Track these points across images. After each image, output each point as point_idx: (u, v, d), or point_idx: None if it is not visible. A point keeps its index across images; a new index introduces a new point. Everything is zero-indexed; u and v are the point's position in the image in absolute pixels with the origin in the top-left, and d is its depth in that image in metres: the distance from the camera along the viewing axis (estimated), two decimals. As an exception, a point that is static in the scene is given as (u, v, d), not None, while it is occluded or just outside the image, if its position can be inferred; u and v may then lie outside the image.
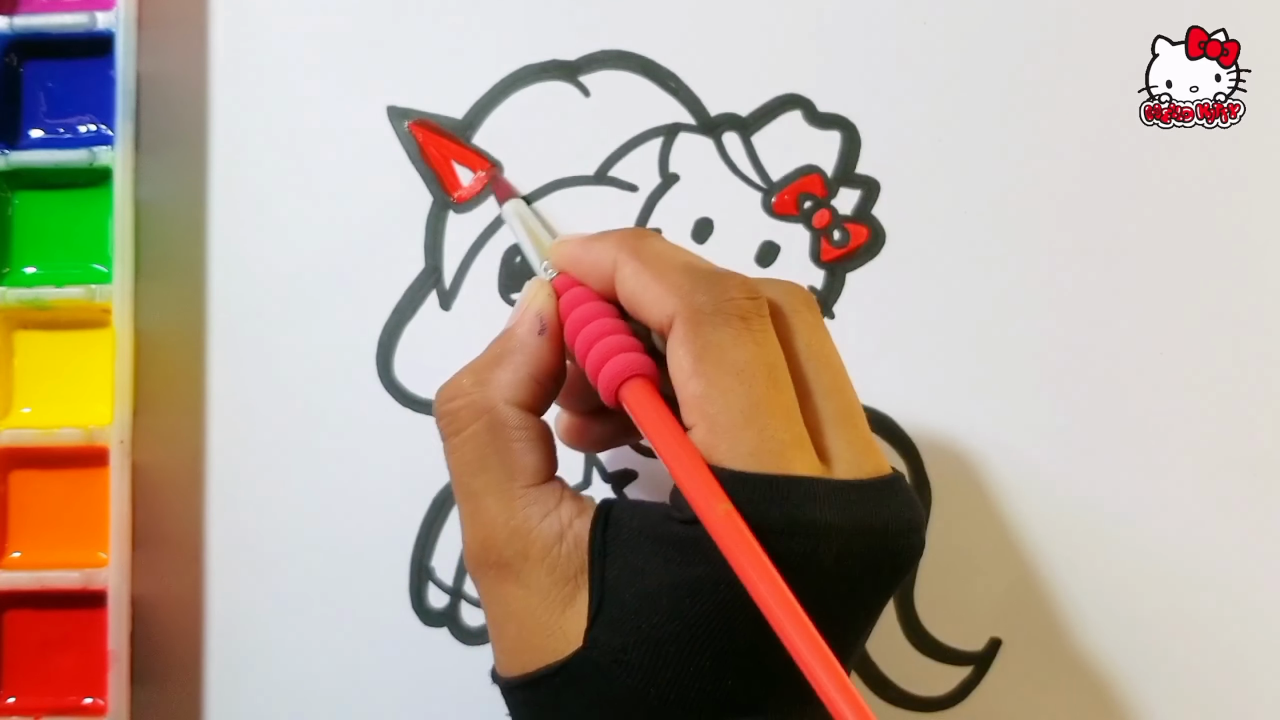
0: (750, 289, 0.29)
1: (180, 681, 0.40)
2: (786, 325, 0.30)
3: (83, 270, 0.40)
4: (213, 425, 0.41)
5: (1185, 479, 0.40)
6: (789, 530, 0.26)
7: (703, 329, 0.28)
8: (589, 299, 0.31)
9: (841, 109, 0.41)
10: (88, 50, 0.41)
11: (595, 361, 0.30)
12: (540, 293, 0.32)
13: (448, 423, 0.31)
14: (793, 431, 0.28)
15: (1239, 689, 0.40)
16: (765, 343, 0.28)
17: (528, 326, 0.31)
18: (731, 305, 0.28)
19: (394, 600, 0.40)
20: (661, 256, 0.30)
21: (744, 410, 0.27)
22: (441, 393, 0.31)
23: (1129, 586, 0.40)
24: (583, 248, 0.32)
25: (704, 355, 0.28)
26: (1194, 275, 0.41)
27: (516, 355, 0.31)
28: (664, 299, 0.29)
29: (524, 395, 0.31)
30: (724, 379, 0.27)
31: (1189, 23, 0.42)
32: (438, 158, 0.41)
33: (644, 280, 0.30)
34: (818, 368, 0.29)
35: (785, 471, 0.27)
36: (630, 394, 0.29)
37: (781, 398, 0.28)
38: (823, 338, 0.30)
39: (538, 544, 0.29)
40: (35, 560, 0.39)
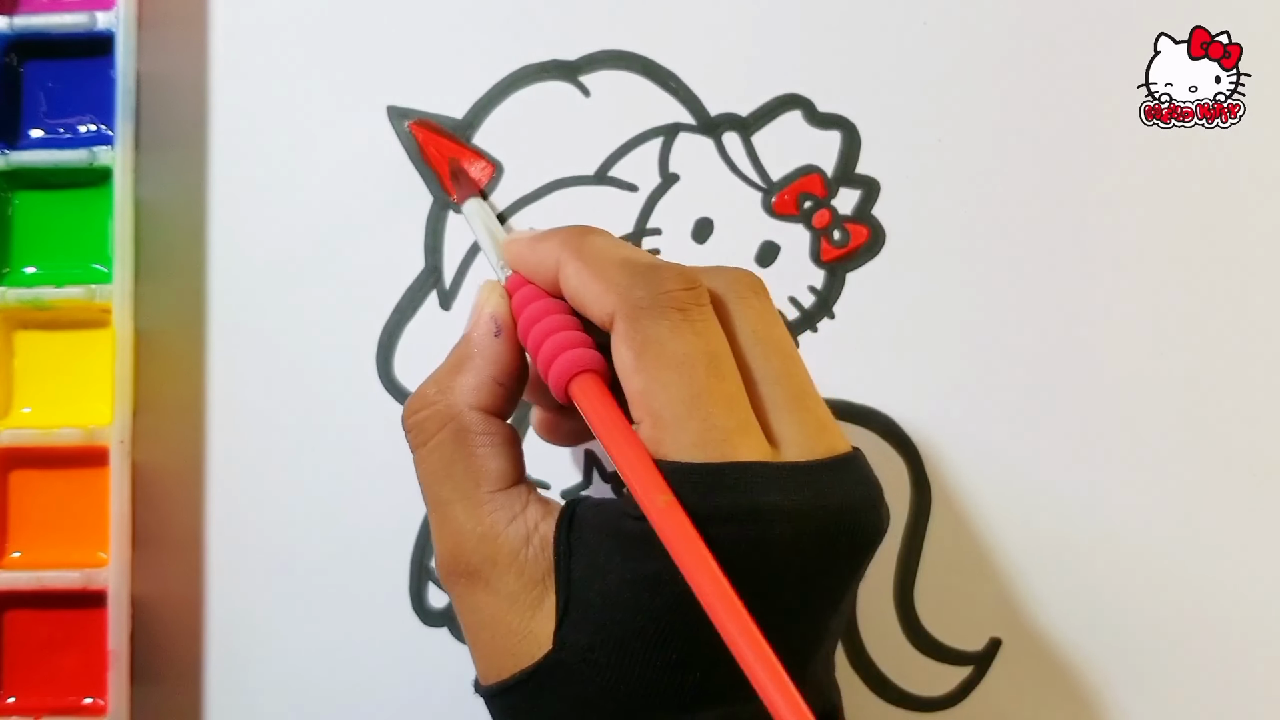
0: (687, 279, 0.29)
1: (180, 681, 0.40)
2: (730, 312, 0.30)
3: (83, 270, 0.40)
4: (213, 425, 0.41)
5: (1185, 479, 0.40)
6: (736, 517, 0.26)
7: (641, 323, 0.28)
8: (538, 297, 0.31)
9: (841, 109, 0.41)
10: (88, 50, 0.41)
11: (545, 359, 0.30)
12: (493, 294, 0.32)
13: (415, 434, 0.31)
14: (737, 418, 0.28)
15: (1239, 689, 0.40)
16: (705, 332, 0.28)
17: (483, 329, 0.32)
18: (668, 298, 0.28)
19: (394, 600, 0.40)
20: (600, 253, 0.30)
21: (685, 401, 0.27)
22: (408, 405, 0.31)
23: (1129, 586, 0.40)
24: (529, 247, 0.32)
25: (644, 350, 0.28)
26: (1194, 275, 0.41)
27: (475, 359, 0.31)
28: (604, 296, 0.29)
29: (486, 399, 0.31)
30: (665, 372, 0.27)
31: (1193, 22, 0.42)
32: (438, 158, 0.41)
33: (584, 278, 0.30)
34: (765, 352, 0.29)
35: (730, 459, 0.27)
36: (577, 390, 0.29)
37: (724, 385, 0.28)
38: (770, 322, 0.30)
39: (505, 549, 0.29)
40: (35, 560, 0.39)
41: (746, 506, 0.26)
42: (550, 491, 0.41)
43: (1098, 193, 0.41)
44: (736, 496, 0.26)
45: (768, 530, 0.26)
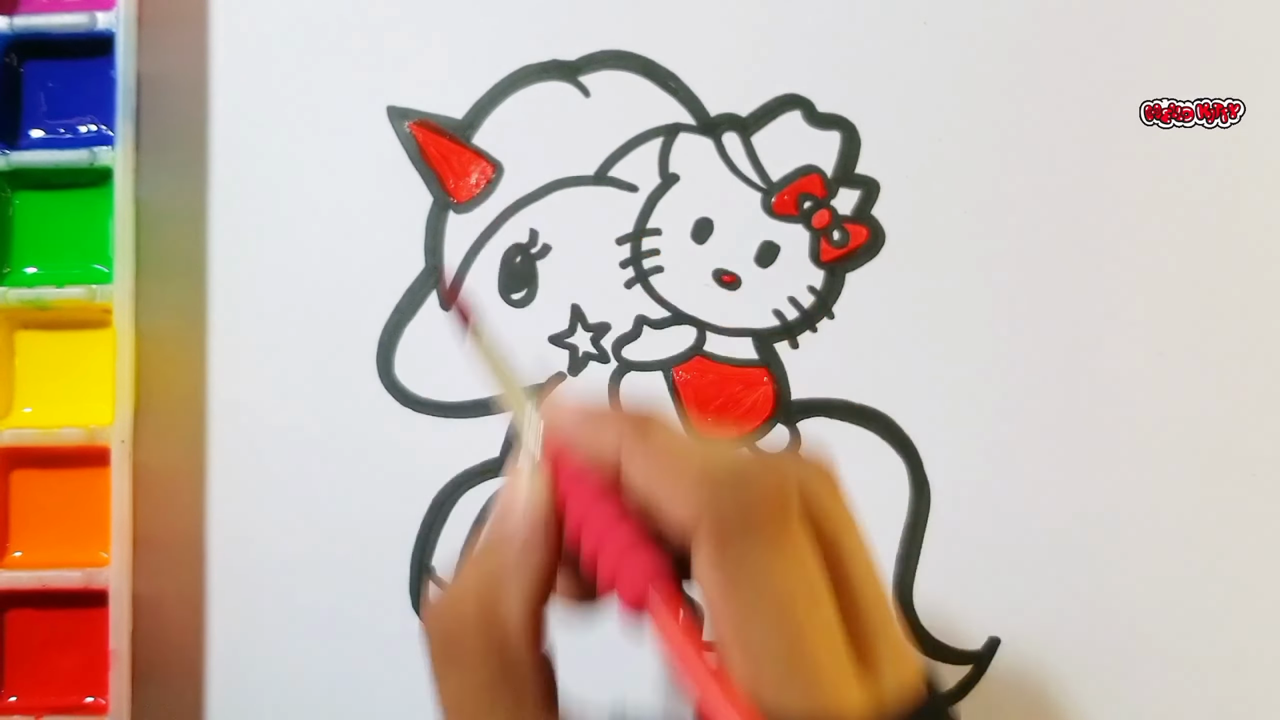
0: (778, 487, 0.26)
1: (181, 680, 0.40)
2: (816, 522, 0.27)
3: (83, 270, 0.41)
4: (213, 424, 0.41)
5: (1185, 478, 0.40)
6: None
7: (732, 546, 0.25)
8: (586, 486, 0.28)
9: (841, 109, 0.41)
10: (88, 50, 0.41)
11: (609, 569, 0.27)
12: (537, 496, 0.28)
13: (446, 649, 0.28)
14: (838, 661, 0.25)
15: (1239, 689, 0.40)
16: (800, 556, 0.26)
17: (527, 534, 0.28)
18: (763, 510, 0.26)
19: (394, 599, 0.40)
20: (672, 451, 0.27)
21: (787, 643, 0.25)
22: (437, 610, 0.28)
23: (1128, 586, 0.40)
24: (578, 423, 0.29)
25: (737, 578, 0.25)
26: (1193, 275, 0.41)
27: (524, 573, 0.28)
28: (683, 504, 0.26)
29: (533, 625, 0.28)
30: (762, 605, 0.25)
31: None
32: (438, 158, 0.41)
33: (656, 479, 0.27)
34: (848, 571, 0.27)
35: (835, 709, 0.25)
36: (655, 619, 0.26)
37: (823, 617, 0.25)
38: (852, 530, 0.27)
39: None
40: (37, 560, 0.40)
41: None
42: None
43: (1098, 193, 0.41)
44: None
45: None
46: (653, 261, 0.41)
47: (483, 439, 0.41)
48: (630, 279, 0.41)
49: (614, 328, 0.41)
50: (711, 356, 0.41)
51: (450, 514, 0.41)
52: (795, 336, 0.41)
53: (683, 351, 0.41)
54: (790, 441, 0.41)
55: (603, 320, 0.41)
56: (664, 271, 0.41)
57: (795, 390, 0.41)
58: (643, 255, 0.41)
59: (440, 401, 0.41)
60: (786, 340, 0.41)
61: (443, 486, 0.41)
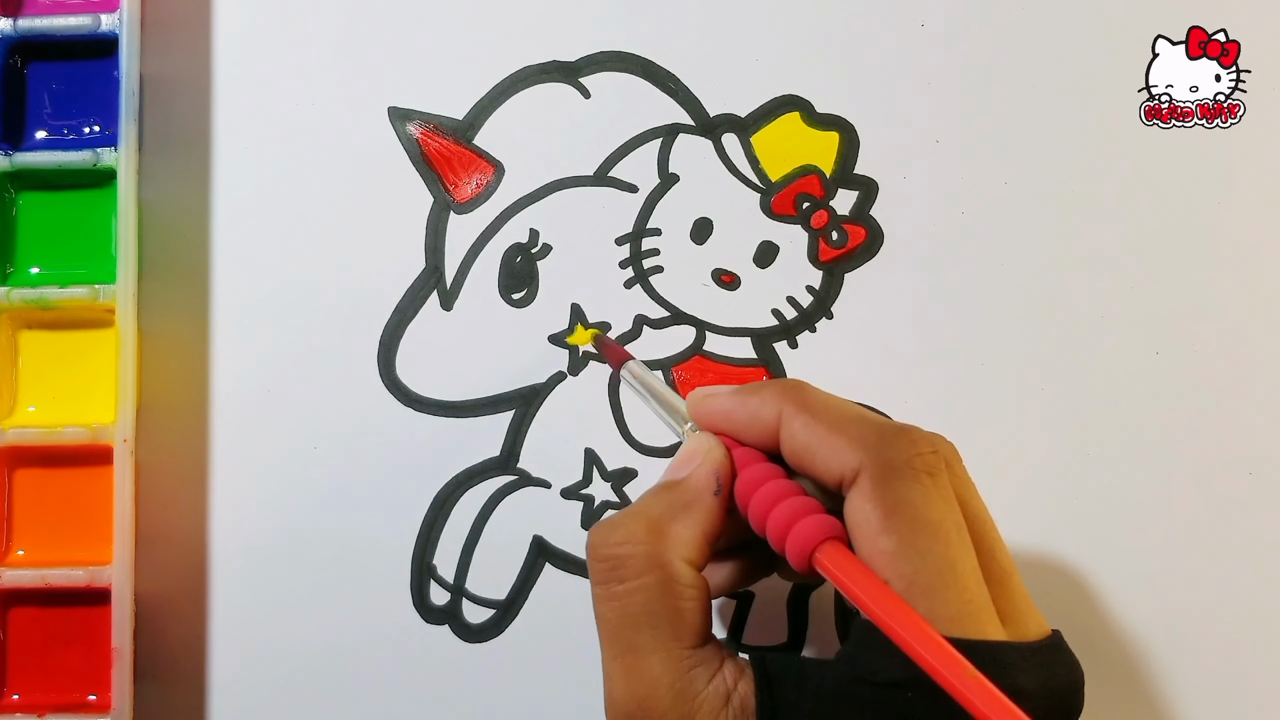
0: (933, 443, 0.29)
1: (184, 678, 0.40)
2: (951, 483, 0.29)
3: (87, 270, 0.41)
4: (216, 424, 0.41)
5: (1184, 479, 0.40)
6: None
7: (893, 484, 0.27)
8: (758, 458, 0.31)
9: (840, 109, 0.41)
10: (92, 52, 0.41)
11: (779, 526, 0.29)
12: (716, 450, 0.31)
13: (612, 567, 0.29)
14: (983, 594, 0.27)
15: (1238, 688, 0.40)
16: (951, 500, 0.28)
17: (704, 484, 0.30)
18: (920, 460, 0.28)
19: (396, 597, 0.40)
20: (831, 408, 0.30)
21: (940, 571, 0.27)
22: (606, 534, 0.30)
23: (1128, 586, 0.40)
24: (737, 401, 0.31)
25: (896, 511, 0.27)
26: (1193, 275, 0.41)
27: (695, 512, 0.30)
28: (844, 452, 0.28)
29: (698, 554, 0.30)
30: (918, 537, 0.27)
31: (1189, 23, 0.42)
32: (438, 158, 0.42)
33: (818, 433, 0.29)
34: (979, 526, 0.29)
35: (982, 636, 0.27)
36: (830, 559, 0.28)
37: (970, 558, 0.28)
38: (975, 493, 0.30)
39: (705, 708, 0.28)
40: (40, 558, 0.40)
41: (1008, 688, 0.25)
42: (550, 490, 0.41)
43: (1098, 193, 0.41)
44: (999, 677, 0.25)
45: None
46: (652, 261, 0.41)
47: (484, 438, 0.41)
48: (630, 279, 0.41)
49: (614, 327, 0.41)
50: (711, 356, 0.41)
51: (451, 513, 0.41)
52: (794, 336, 0.41)
53: (682, 351, 0.41)
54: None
55: (603, 320, 0.41)
56: (663, 271, 0.41)
57: (794, 390, 0.41)
58: (642, 255, 0.41)
59: (442, 400, 0.41)
60: (785, 340, 0.41)
61: (444, 485, 0.41)
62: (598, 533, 0.30)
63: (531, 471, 0.41)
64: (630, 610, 0.29)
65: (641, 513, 0.30)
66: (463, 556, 0.41)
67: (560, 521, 0.41)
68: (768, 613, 0.40)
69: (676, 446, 0.40)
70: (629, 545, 0.29)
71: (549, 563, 0.41)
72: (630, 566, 0.29)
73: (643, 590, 0.29)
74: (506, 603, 0.40)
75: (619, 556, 0.29)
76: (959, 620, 0.26)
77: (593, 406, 0.41)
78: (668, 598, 0.29)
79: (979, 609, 0.27)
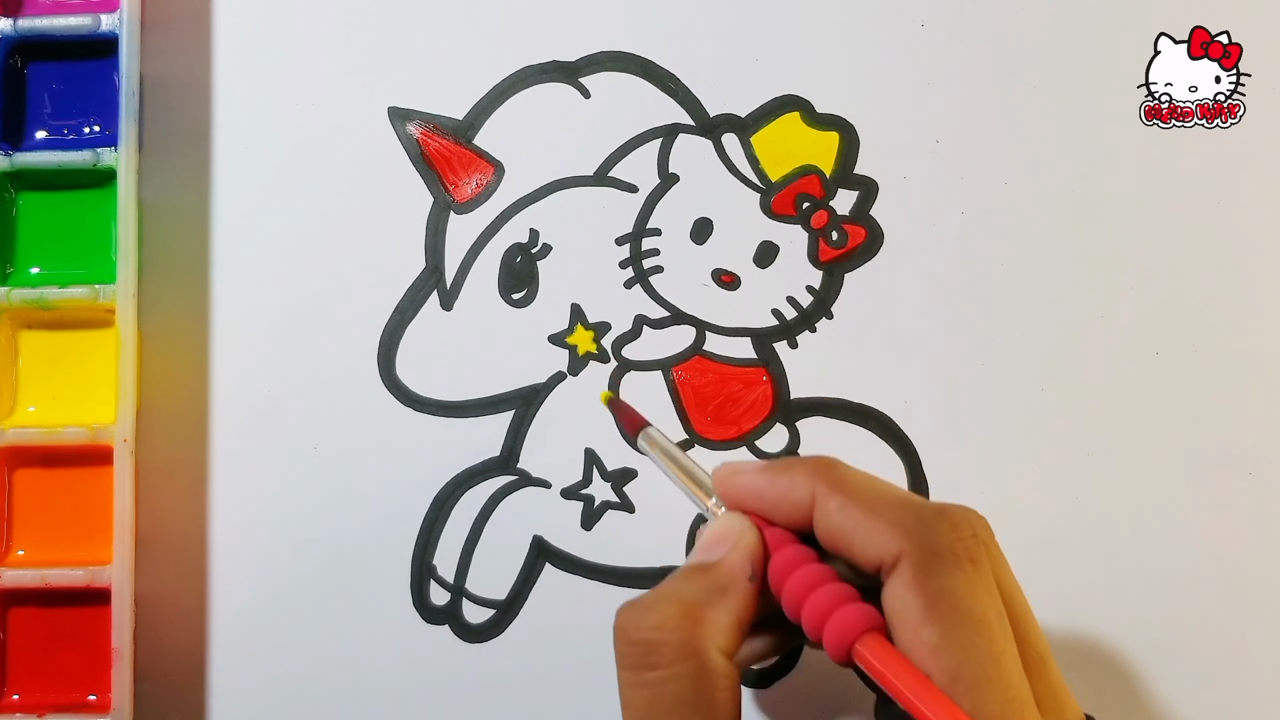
0: (972, 525, 0.28)
1: (183, 678, 0.40)
2: None
3: (87, 270, 0.41)
4: (216, 424, 0.41)
5: (1183, 479, 0.40)
6: None
7: (935, 573, 0.27)
8: (790, 539, 0.30)
9: (840, 109, 0.41)
10: (92, 52, 0.41)
11: (816, 615, 0.28)
12: (749, 534, 0.30)
13: (643, 653, 0.28)
14: (1025, 687, 0.27)
15: (1237, 688, 0.40)
16: (993, 588, 0.27)
17: (739, 569, 0.29)
18: (961, 546, 0.27)
19: (396, 597, 0.40)
20: (868, 489, 0.29)
21: (985, 665, 0.26)
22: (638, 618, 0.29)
23: (1127, 586, 0.40)
24: (766, 480, 0.31)
25: (939, 602, 0.27)
26: (1193, 275, 0.41)
27: (730, 599, 0.29)
28: (884, 537, 0.28)
29: (733, 642, 0.29)
30: (962, 630, 0.26)
31: (1192, 23, 0.42)
32: (438, 158, 0.42)
33: (854, 516, 0.28)
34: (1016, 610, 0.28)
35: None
36: (872, 652, 0.27)
37: (1012, 649, 0.27)
38: (1010, 574, 0.29)
39: None
40: (40, 558, 0.40)
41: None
42: (550, 490, 0.41)
43: (1098, 193, 0.41)
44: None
45: None
46: (652, 261, 0.41)
47: (484, 438, 0.41)
48: (630, 279, 0.41)
49: (614, 327, 0.41)
50: (711, 356, 0.41)
51: (451, 513, 0.41)
52: (794, 336, 0.41)
53: (682, 351, 0.41)
54: (789, 440, 0.41)
55: (603, 320, 0.41)
56: (664, 271, 0.41)
57: (794, 389, 0.41)
58: (642, 255, 0.41)
59: (441, 400, 0.41)
60: (785, 340, 0.41)
61: (444, 485, 0.41)
62: (628, 615, 0.29)
63: (531, 471, 0.41)
64: (661, 699, 0.28)
65: (675, 596, 0.29)
66: (463, 556, 0.41)
67: (560, 521, 0.41)
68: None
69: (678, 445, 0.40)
70: (663, 631, 0.28)
71: (549, 563, 0.41)
72: (664, 654, 0.28)
73: (675, 680, 0.28)
74: (506, 603, 0.40)
75: (652, 642, 0.28)
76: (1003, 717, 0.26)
77: (593, 406, 0.41)
78: (701, 688, 0.28)
79: (1023, 704, 0.26)
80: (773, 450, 0.41)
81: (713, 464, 0.40)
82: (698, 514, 0.32)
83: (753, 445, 0.41)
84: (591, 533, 0.41)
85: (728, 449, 0.41)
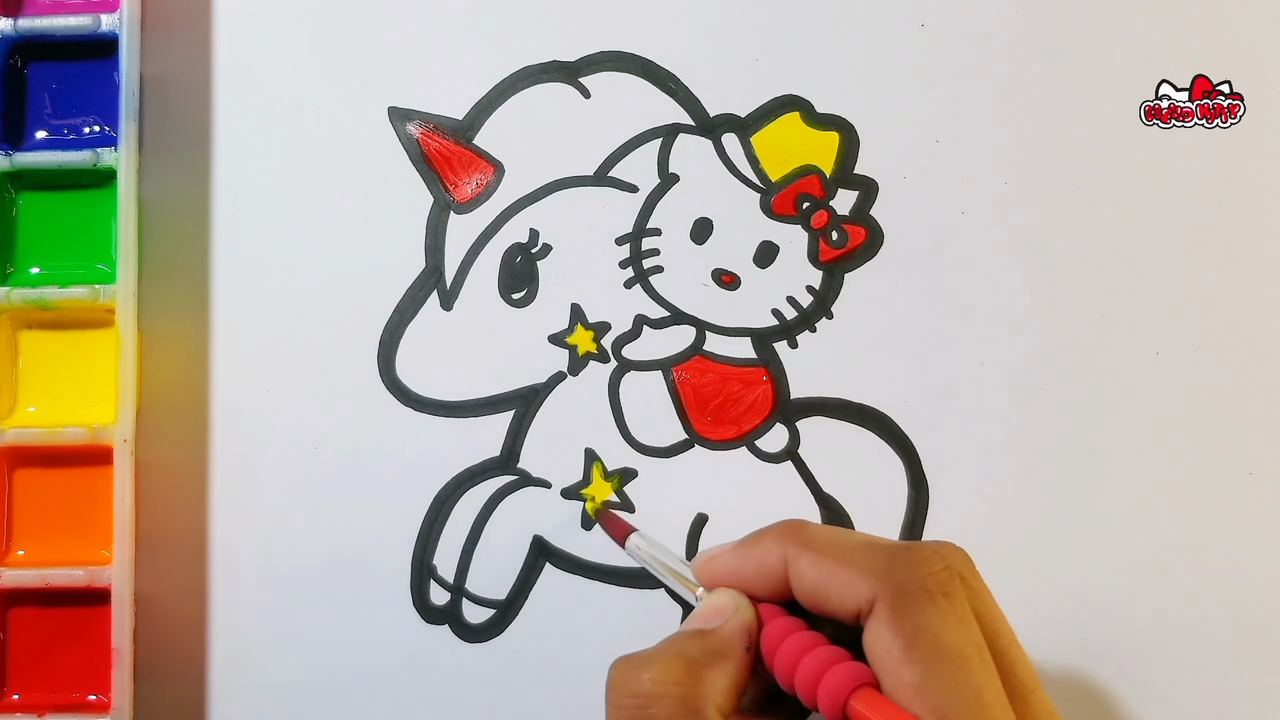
0: (944, 558, 0.28)
1: (183, 678, 0.40)
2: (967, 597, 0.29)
3: (87, 270, 0.41)
4: (216, 423, 0.41)
5: (1183, 479, 0.40)
6: None
7: (910, 611, 0.27)
8: (778, 612, 0.31)
9: (840, 109, 0.42)
10: (92, 52, 0.41)
11: (808, 678, 0.28)
12: (745, 609, 0.30)
13: (642, 705, 0.28)
14: (1007, 713, 0.27)
15: (1236, 688, 0.40)
16: (969, 620, 0.28)
17: (738, 637, 0.30)
18: (933, 580, 0.28)
19: (396, 597, 0.40)
20: (834, 541, 0.29)
21: (967, 701, 0.26)
22: (635, 671, 0.29)
23: (1126, 586, 0.40)
24: (739, 556, 0.31)
25: (916, 640, 0.27)
26: (1193, 275, 0.41)
27: (729, 663, 0.29)
28: (856, 583, 0.28)
29: (730, 705, 0.29)
30: (942, 667, 0.27)
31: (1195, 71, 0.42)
32: (438, 158, 0.42)
33: (825, 569, 0.29)
34: (999, 642, 0.29)
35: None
36: (865, 707, 0.27)
37: (994, 682, 0.27)
38: (992, 603, 0.30)
39: None
40: (40, 558, 0.40)
41: None
42: (550, 490, 0.41)
43: (1098, 193, 0.41)
44: None
45: None
46: (652, 261, 0.41)
47: (484, 438, 0.41)
48: (630, 279, 0.41)
49: (614, 327, 0.41)
50: (711, 356, 0.41)
51: (451, 513, 0.41)
52: (794, 336, 0.41)
53: (682, 351, 0.41)
54: (789, 440, 0.41)
55: (603, 320, 0.41)
56: (664, 271, 0.41)
57: (794, 389, 0.41)
58: (642, 255, 0.41)
59: (441, 400, 0.41)
60: (785, 340, 0.41)
61: (444, 485, 0.41)
62: (625, 669, 0.29)
63: (531, 471, 0.41)
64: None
65: (676, 653, 0.29)
66: (463, 556, 0.41)
67: (560, 521, 0.41)
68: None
69: (678, 445, 0.40)
70: (663, 685, 0.28)
71: (549, 563, 0.41)
72: (663, 706, 0.28)
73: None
74: (506, 603, 0.41)
75: (651, 695, 0.28)
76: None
77: (593, 406, 0.41)
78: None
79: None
80: (773, 450, 0.41)
81: (714, 463, 0.41)
82: None
83: (753, 445, 0.41)
84: (591, 533, 0.41)
85: (728, 449, 0.41)
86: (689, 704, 0.28)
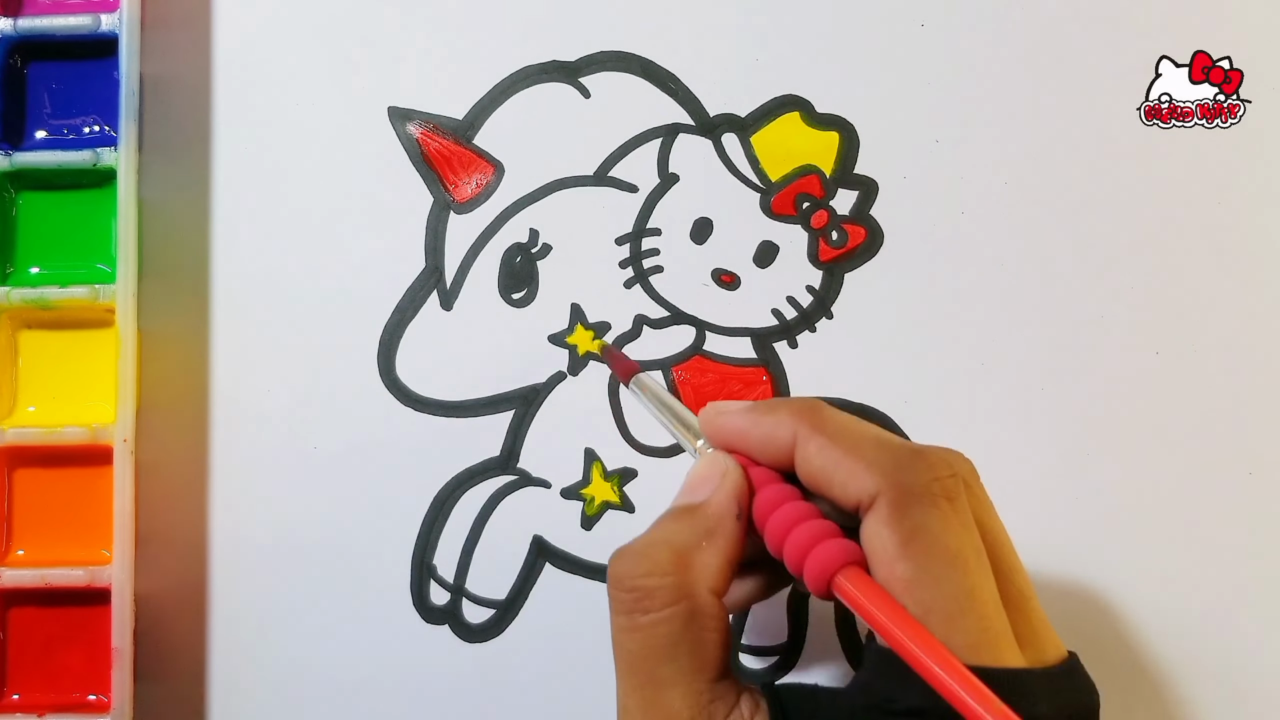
0: (950, 465, 0.28)
1: (184, 678, 0.40)
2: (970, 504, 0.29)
3: (87, 270, 0.41)
4: (216, 423, 0.41)
5: (1184, 479, 0.40)
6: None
7: (911, 510, 0.27)
8: (773, 478, 0.31)
9: (840, 109, 0.42)
10: (92, 52, 0.41)
11: (797, 550, 0.28)
12: (734, 472, 0.31)
13: (637, 599, 0.29)
14: (1002, 620, 0.27)
15: (1236, 688, 0.40)
16: (970, 525, 0.28)
17: (726, 508, 0.30)
18: (938, 485, 0.28)
19: (395, 597, 0.40)
20: (848, 430, 0.29)
21: (959, 599, 0.27)
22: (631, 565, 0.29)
23: (1128, 586, 0.40)
24: (751, 420, 0.31)
25: (913, 538, 0.27)
26: (1193, 275, 0.41)
27: (718, 539, 0.30)
28: (861, 476, 0.28)
29: (722, 582, 0.29)
30: (936, 565, 0.27)
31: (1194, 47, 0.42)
32: (438, 158, 0.42)
33: (833, 456, 0.29)
34: (997, 549, 0.29)
35: (1001, 663, 0.26)
36: (850, 584, 0.27)
37: (989, 584, 0.27)
38: (993, 514, 0.30)
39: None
40: (40, 558, 0.40)
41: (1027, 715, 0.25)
42: (550, 490, 0.41)
43: (1098, 193, 0.41)
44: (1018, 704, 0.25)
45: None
46: (652, 261, 0.41)
47: (484, 438, 0.41)
48: (630, 279, 0.41)
49: (614, 327, 0.41)
50: (711, 356, 0.41)
51: (451, 512, 0.41)
52: (794, 336, 0.41)
53: (682, 351, 0.41)
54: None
55: (603, 320, 0.41)
56: (663, 271, 0.41)
57: (794, 389, 0.41)
58: (642, 255, 0.41)
59: (441, 400, 0.41)
60: (785, 340, 0.41)
61: (444, 485, 0.41)
62: (621, 563, 0.30)
63: (531, 471, 0.41)
64: (654, 643, 0.29)
65: (665, 541, 0.30)
66: (463, 556, 0.41)
67: (560, 521, 0.41)
68: (768, 613, 0.40)
69: (676, 448, 0.40)
70: (655, 577, 0.29)
71: (549, 563, 0.41)
72: (657, 598, 0.29)
73: (667, 622, 0.29)
74: (506, 603, 0.41)
75: (645, 588, 0.29)
76: (978, 648, 0.26)
77: (593, 406, 0.41)
78: (692, 630, 0.28)
79: (997, 635, 0.27)
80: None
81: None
82: None
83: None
84: (591, 533, 0.41)
85: (728, 449, 0.41)
86: (681, 591, 0.29)
